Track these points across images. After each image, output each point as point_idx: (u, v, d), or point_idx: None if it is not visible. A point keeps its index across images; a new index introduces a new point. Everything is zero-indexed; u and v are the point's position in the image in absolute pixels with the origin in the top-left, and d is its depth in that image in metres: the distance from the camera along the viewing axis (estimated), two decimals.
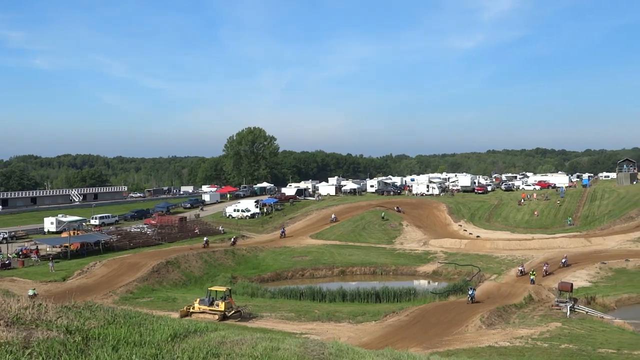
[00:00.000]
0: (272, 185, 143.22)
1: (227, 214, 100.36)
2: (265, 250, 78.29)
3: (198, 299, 45.91)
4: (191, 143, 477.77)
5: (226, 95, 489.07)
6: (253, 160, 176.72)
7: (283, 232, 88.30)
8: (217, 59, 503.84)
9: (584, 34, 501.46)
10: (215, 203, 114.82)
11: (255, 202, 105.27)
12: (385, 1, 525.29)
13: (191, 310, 44.52)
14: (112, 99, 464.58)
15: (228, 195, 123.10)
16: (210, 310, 44.23)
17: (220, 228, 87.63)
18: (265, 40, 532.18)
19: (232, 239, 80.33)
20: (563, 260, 63.22)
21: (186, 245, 75.29)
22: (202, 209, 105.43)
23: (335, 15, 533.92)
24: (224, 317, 43.43)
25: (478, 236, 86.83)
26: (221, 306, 44.20)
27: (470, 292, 50.75)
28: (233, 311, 44.85)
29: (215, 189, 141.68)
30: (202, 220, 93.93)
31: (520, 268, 61.78)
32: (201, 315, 43.22)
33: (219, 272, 66.39)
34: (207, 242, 75.57)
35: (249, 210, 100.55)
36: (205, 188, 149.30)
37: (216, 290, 46.26)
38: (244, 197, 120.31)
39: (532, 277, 57.22)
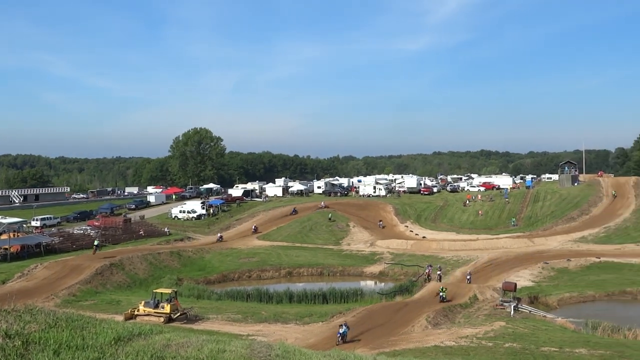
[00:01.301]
0: (219, 186, 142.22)
1: (173, 215, 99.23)
2: (212, 251, 77.66)
3: (143, 302, 45.24)
4: (136, 143, 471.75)
5: (172, 95, 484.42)
6: (199, 161, 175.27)
7: (220, 237, 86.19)
8: (162, 58, 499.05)
9: (525, 38, 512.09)
10: (160, 204, 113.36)
11: (202, 203, 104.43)
12: (331, 2, 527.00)
13: (136, 312, 43.84)
14: (54, 97, 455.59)
15: (174, 197, 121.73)
16: (155, 312, 43.64)
17: (165, 229, 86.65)
18: (211, 40, 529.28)
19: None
20: (468, 277, 59.34)
21: (147, 245, 74.28)
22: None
23: (282, 16, 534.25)
24: (169, 320, 42.89)
25: (424, 237, 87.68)
26: (166, 308, 43.66)
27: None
28: (179, 313, 44.33)
29: (161, 190, 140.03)
30: (147, 222, 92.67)
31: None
32: (146, 318, 42.54)
33: (165, 274, 65.55)
34: (221, 237, 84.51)
35: (195, 212, 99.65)
36: (150, 189, 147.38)
37: (161, 293, 45.69)
38: (190, 198, 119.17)
39: (442, 293, 51.51)
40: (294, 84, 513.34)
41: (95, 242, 71.95)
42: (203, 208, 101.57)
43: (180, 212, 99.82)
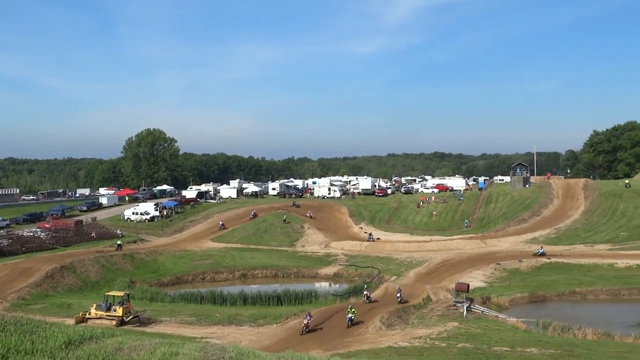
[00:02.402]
0: (173, 187, 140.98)
1: (126, 217, 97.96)
2: (165, 253, 76.94)
3: (95, 305, 44.65)
4: (88, 144, 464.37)
5: (125, 95, 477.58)
6: (153, 162, 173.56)
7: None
8: (115, 58, 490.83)
9: (477, 42, 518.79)
10: (113, 206, 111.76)
11: (155, 205, 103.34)
12: (286, 3, 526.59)
13: (87, 316, 43.29)
14: (2, 97, 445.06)
15: (127, 198, 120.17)
16: (107, 315, 43.12)
17: (118, 231, 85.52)
18: (165, 40, 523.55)
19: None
20: (398, 295, 51.61)
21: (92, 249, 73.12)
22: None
23: (238, 16, 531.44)
24: (121, 323, 42.42)
25: (378, 238, 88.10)
26: (119, 311, 43.16)
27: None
28: (131, 316, 43.85)
29: (113, 191, 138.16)
30: (99, 224, 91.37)
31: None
32: (98, 321, 42.06)
33: (117, 276, 64.71)
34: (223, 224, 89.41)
35: (148, 213, 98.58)
36: (102, 191, 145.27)
37: (113, 295, 45.14)
38: (143, 199, 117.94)
39: (350, 314, 43.23)
40: (249, 85, 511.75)
41: (118, 242, 75.88)
42: (156, 210, 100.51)
43: (133, 214, 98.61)
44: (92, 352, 9.99)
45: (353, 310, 43.60)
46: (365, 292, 51.92)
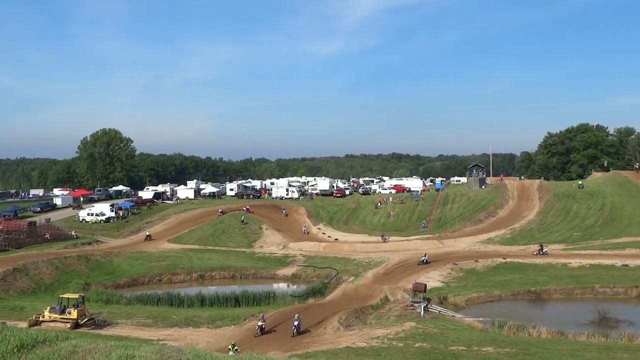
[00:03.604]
0: (129, 188, 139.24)
1: (81, 218, 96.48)
2: (121, 255, 75.99)
3: (48, 307, 43.81)
4: (41, 144, 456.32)
5: (80, 94, 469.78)
6: (108, 162, 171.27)
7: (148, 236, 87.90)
8: (69, 56, 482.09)
9: (434, 43, 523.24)
10: (67, 207, 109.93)
11: (111, 205, 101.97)
12: (244, 3, 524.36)
13: (41, 319, 42.46)
14: None
15: (81, 199, 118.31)
16: (61, 318, 42.36)
17: (73, 233, 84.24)
18: (120, 39, 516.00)
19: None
20: (295, 324, 40.90)
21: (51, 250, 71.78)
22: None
23: (195, 15, 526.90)
24: (76, 325, 41.72)
25: (336, 239, 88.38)
26: (73, 314, 42.44)
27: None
28: (86, 319, 43.14)
29: (68, 192, 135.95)
30: (53, 225, 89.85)
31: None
32: (52, 324, 41.28)
33: (72, 278, 63.68)
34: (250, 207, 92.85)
35: (103, 214, 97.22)
36: (57, 191, 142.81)
37: (68, 298, 44.36)
38: (99, 200, 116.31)
39: (231, 350, 33.16)
40: (207, 85, 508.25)
41: (147, 233, 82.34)
42: (112, 211, 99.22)
43: (89, 215, 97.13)
44: (45, 355, 9.80)
45: (235, 346, 34.57)
46: (260, 323, 41.47)
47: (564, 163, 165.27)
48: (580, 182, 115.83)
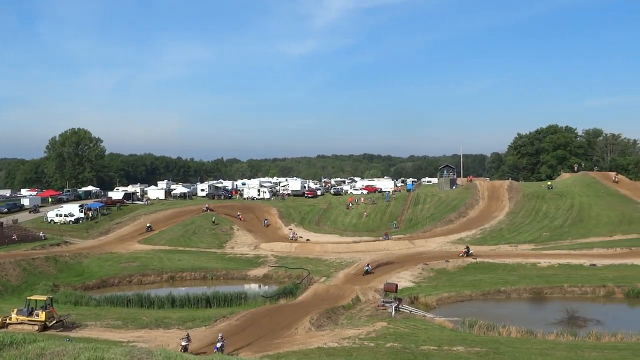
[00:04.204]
0: (98, 189, 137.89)
1: (49, 219, 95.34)
2: (90, 256, 75.23)
3: (16, 309, 43.16)
4: (9, 144, 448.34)
5: (48, 94, 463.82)
6: (77, 162, 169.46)
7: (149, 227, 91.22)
8: (38, 55, 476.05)
9: (406, 45, 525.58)
10: (35, 208, 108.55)
11: (80, 206, 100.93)
12: (216, 3, 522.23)
13: (8, 321, 41.82)
14: None
15: (50, 200, 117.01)
16: (29, 320, 41.78)
17: (41, 234, 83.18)
18: (90, 38, 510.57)
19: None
20: (218, 345, 35.31)
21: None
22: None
23: (166, 15, 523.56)
24: (44, 328, 41.18)
25: (308, 239, 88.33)
26: (41, 316, 41.88)
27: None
28: (54, 321, 42.60)
29: (36, 192, 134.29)
30: (20, 226, 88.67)
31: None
32: (19, 327, 40.73)
33: (39, 280, 62.94)
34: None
35: (72, 215, 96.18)
36: (24, 192, 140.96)
37: (36, 300, 43.77)
38: (68, 201, 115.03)
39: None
40: (179, 85, 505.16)
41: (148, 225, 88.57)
42: (81, 211, 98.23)
43: (57, 215, 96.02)
44: (12, 358, 9.65)
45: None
46: (184, 343, 36.00)
47: (533, 164, 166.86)
48: (549, 183, 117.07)
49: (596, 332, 40.61)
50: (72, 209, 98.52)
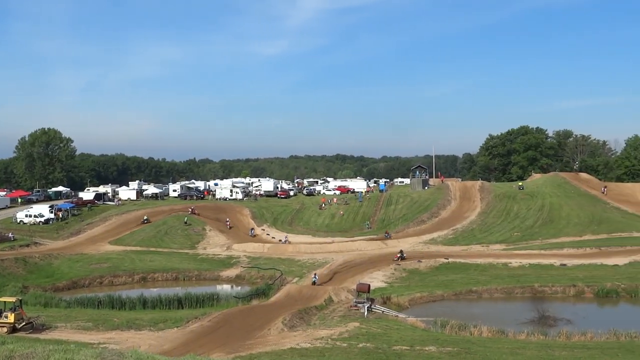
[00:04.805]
0: (69, 189, 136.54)
1: (19, 220, 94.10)
2: (61, 257, 74.43)
3: None
4: None
5: (18, 93, 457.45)
6: (47, 163, 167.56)
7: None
8: (7, 54, 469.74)
9: (378, 46, 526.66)
10: (4, 208, 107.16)
11: (50, 207, 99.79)
12: (189, 3, 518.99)
13: None
14: None
15: (19, 200, 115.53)
16: None
17: (10, 235, 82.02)
18: (61, 37, 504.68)
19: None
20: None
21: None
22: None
23: (138, 15, 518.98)
24: (13, 330, 40.67)
25: (280, 240, 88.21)
26: (10, 318, 41.31)
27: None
28: (24, 323, 42.05)
29: (5, 193, 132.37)
30: None
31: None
32: None
33: (8, 281, 62.00)
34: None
35: (42, 216, 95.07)
36: None
37: (5, 301, 43.18)
38: (37, 201, 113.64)
39: None
40: (150, 85, 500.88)
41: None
42: (51, 212, 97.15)
43: (27, 216, 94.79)
44: None
45: None
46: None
47: (504, 164, 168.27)
48: (520, 184, 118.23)
49: (566, 331, 41.06)
50: (42, 210, 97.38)
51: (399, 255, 71.64)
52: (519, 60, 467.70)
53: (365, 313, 46.82)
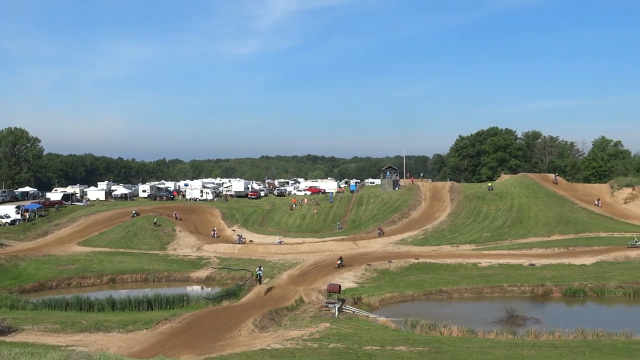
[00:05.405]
0: (36, 189, 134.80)
1: None
2: (27, 259, 73.40)
3: None
4: None
5: None
6: (14, 163, 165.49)
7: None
8: None
9: (349, 47, 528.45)
10: None
11: (16, 207, 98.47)
12: (158, 2, 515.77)
13: None
14: None
15: None
16: None
17: None
18: (29, 35, 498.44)
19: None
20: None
21: None
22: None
23: (109, 13, 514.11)
24: None
25: (251, 241, 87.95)
26: None
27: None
28: None
29: None
30: None
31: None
32: None
33: None
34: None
35: (8, 217, 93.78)
36: None
37: None
38: (3, 202, 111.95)
39: None
40: (120, 84, 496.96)
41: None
42: (18, 213, 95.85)
43: None
44: None
45: None
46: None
47: (474, 165, 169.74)
48: (489, 184, 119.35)
49: (535, 330, 41.33)
50: (8, 210, 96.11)
51: (339, 262, 68.75)
52: (489, 62, 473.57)
53: (336, 313, 46.78)
